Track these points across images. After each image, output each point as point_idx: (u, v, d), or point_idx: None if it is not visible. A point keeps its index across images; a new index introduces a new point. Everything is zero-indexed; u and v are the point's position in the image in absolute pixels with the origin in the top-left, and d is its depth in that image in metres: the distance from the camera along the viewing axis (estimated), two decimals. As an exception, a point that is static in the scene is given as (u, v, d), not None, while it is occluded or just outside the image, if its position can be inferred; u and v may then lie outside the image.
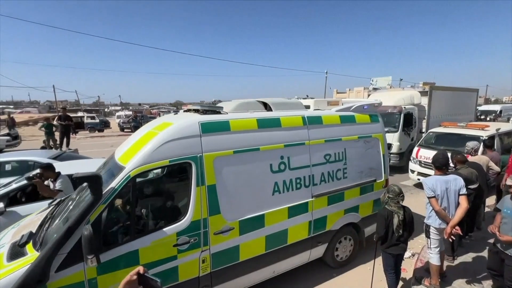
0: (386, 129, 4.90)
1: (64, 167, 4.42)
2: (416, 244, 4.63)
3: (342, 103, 4.32)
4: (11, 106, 48.65)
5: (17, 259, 2.22)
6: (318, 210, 3.55)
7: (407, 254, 4.02)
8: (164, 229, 2.55)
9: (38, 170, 3.94)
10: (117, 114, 32.38)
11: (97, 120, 22.96)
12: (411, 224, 3.06)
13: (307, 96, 7.18)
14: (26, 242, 2.40)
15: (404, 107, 8.99)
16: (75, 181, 2.24)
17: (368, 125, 4.08)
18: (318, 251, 3.75)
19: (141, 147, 2.59)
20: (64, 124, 11.28)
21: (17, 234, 2.70)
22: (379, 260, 3.36)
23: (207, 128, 2.76)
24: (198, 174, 2.65)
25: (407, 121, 8.91)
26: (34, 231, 2.61)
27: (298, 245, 3.45)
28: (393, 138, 8.62)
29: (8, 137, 14.19)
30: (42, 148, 10.99)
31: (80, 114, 25.36)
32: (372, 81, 19.16)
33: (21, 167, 5.75)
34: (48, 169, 3.92)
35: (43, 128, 12.26)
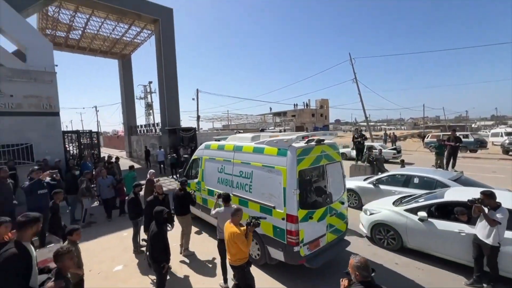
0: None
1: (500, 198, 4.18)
2: None
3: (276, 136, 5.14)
4: (385, 124, 63.77)
5: None
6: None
7: None
8: (194, 180, 7.24)
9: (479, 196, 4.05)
10: (492, 131, 27.76)
11: (471, 139, 21.21)
12: None
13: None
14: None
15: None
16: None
17: (273, 157, 4.68)
18: None
19: (199, 150, 7.49)
20: (453, 145, 10.45)
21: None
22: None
23: (206, 146, 6.89)
24: (200, 163, 6.95)
25: None
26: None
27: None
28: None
29: (394, 151, 17.59)
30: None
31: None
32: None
33: (426, 183, 6.92)
34: (490, 197, 4.00)
35: (432, 148, 13.60)
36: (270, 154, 4.72)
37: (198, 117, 31.27)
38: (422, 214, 5.05)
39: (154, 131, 20.50)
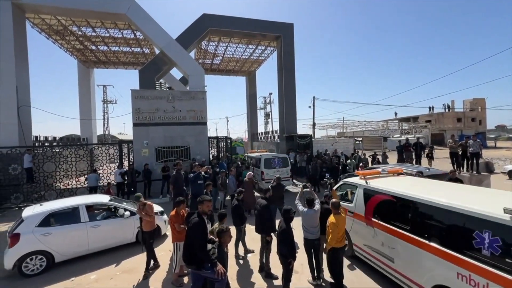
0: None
1: None
2: None
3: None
4: None
5: None
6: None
7: None
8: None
9: None
10: None
11: None
12: None
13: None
14: None
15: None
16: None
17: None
18: None
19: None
20: None
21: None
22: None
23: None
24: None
25: None
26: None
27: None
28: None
29: None
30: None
31: None
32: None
33: None
34: None
35: None
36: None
37: (314, 124, 31.42)
38: None
39: (272, 137, 22.43)
